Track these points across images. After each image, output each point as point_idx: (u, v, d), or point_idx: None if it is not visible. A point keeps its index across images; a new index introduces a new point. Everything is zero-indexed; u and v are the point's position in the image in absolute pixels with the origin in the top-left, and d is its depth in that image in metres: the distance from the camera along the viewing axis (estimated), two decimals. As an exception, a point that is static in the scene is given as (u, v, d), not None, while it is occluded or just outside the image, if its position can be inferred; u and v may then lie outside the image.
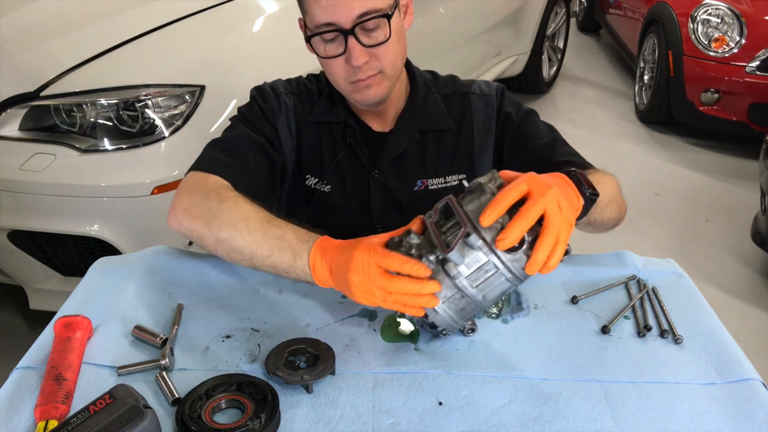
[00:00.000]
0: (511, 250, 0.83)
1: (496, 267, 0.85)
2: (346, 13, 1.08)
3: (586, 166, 1.17)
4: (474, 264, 0.85)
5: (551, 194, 0.83)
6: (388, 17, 1.11)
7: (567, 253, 0.85)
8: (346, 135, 1.28)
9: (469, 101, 1.30)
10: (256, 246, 1.00)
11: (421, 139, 1.28)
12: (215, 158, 1.17)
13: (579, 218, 0.94)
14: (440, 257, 0.87)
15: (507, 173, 0.90)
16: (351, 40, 1.09)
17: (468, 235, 0.83)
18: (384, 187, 1.28)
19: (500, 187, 0.87)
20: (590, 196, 0.94)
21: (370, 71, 1.14)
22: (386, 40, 1.12)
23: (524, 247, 0.84)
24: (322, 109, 1.29)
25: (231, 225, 1.03)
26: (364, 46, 1.10)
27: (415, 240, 0.91)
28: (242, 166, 1.17)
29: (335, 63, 1.14)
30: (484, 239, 0.84)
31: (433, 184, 1.29)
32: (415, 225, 0.93)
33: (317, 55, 1.15)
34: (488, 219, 0.81)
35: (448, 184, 1.30)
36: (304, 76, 1.34)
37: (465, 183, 0.90)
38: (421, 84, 1.30)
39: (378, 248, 0.88)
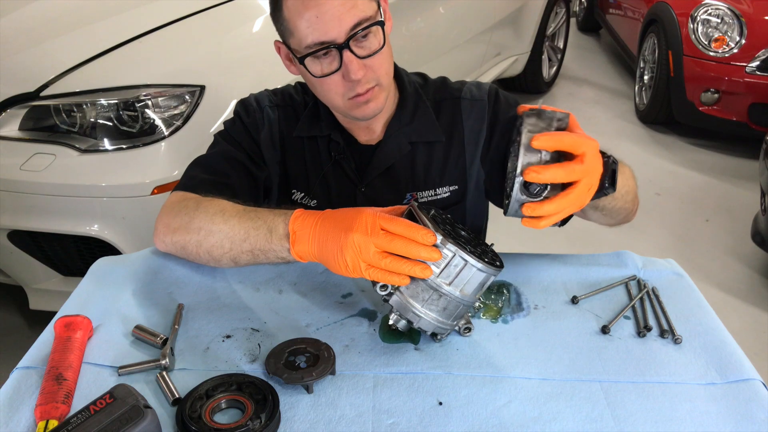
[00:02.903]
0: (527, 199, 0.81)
1: (464, 259, 0.85)
2: (337, 27, 1.03)
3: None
4: (442, 262, 0.86)
5: (594, 172, 0.83)
6: (381, 24, 1.07)
7: (565, 221, 0.85)
8: (331, 149, 1.24)
9: (459, 107, 1.26)
10: (233, 233, 1.01)
11: (410, 150, 1.24)
12: (195, 176, 1.19)
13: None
14: None
15: (574, 122, 0.87)
16: (347, 54, 1.05)
17: None
18: (371, 201, 1.23)
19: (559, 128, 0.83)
20: (607, 187, 0.91)
21: (367, 84, 1.10)
22: (381, 48, 1.08)
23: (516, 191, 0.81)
24: (306, 123, 1.25)
25: (208, 220, 1.04)
26: (360, 57, 1.06)
27: None
28: (222, 182, 1.18)
29: (331, 80, 1.09)
30: (444, 235, 0.85)
31: (423, 197, 1.25)
32: None
33: (311, 75, 1.09)
34: (539, 141, 0.79)
35: (438, 196, 1.26)
36: (293, 84, 1.31)
37: (541, 105, 0.84)
38: (411, 91, 1.25)
39: (384, 213, 0.88)
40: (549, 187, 0.82)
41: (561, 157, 0.83)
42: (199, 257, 1.08)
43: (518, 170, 0.80)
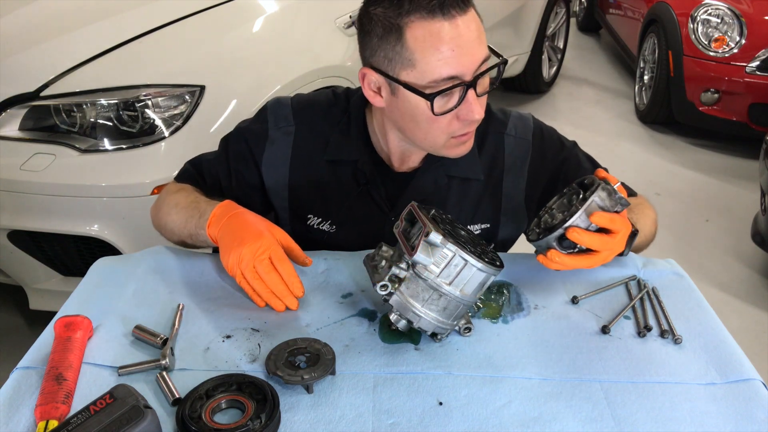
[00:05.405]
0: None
1: (464, 259, 0.86)
2: (469, 62, 0.97)
3: (630, 193, 1.15)
4: (442, 261, 0.87)
5: (617, 249, 0.95)
6: (506, 63, 1.03)
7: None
8: (358, 176, 1.17)
9: (502, 144, 1.19)
10: (179, 219, 1.14)
11: (446, 183, 1.18)
12: (186, 169, 1.30)
13: None
14: (410, 262, 0.88)
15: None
16: (471, 92, 0.98)
17: (428, 233, 0.84)
18: None
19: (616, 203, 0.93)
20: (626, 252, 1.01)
21: (477, 123, 1.04)
22: (494, 86, 1.03)
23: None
24: (333, 146, 1.18)
25: (166, 212, 1.18)
26: (478, 95, 1.00)
27: (386, 252, 0.95)
28: (211, 185, 1.26)
29: (444, 118, 1.01)
30: (444, 235, 0.85)
31: None
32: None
33: (432, 112, 0.99)
34: (597, 218, 0.91)
35: None
36: (330, 89, 1.25)
37: (618, 186, 0.95)
38: None
39: (280, 249, 1.01)
40: (578, 247, 0.93)
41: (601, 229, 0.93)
42: (172, 240, 1.21)
43: (566, 224, 0.90)
